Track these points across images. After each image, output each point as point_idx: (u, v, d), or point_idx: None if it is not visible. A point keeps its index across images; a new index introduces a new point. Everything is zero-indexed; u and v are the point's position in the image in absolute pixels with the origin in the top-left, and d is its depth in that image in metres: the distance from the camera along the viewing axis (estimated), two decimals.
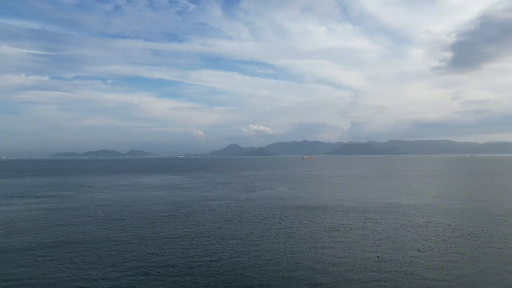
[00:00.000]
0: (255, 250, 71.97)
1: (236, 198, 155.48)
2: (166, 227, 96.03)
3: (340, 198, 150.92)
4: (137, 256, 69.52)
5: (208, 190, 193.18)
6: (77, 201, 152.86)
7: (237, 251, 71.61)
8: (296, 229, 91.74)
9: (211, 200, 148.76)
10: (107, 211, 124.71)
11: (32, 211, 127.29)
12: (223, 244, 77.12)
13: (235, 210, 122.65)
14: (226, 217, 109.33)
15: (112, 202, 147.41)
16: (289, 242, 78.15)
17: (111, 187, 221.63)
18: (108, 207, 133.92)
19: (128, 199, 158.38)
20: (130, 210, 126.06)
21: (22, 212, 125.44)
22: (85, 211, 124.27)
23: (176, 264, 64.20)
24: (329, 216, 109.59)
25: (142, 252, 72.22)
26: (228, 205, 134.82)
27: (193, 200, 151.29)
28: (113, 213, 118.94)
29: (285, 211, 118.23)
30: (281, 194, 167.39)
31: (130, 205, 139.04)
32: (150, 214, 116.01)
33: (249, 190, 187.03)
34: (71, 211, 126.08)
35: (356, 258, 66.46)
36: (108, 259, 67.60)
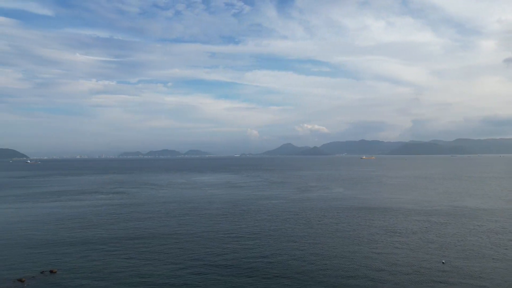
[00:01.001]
0: (312, 252, 70.86)
1: (291, 198, 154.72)
2: (223, 225, 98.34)
3: (401, 200, 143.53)
4: (196, 253, 71.93)
5: (263, 189, 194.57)
6: (141, 198, 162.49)
7: (294, 252, 71.04)
8: (354, 231, 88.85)
9: (266, 199, 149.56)
10: (168, 208, 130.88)
11: (102, 206, 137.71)
12: (279, 244, 77.01)
13: (291, 210, 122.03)
14: (282, 216, 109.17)
15: (173, 199, 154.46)
16: (347, 245, 75.88)
17: (171, 185, 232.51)
18: (169, 204, 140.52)
19: (187, 196, 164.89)
20: (189, 207, 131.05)
21: (94, 207, 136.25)
22: (148, 208, 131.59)
23: (232, 263, 65.31)
24: (390, 218, 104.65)
25: (200, 249, 74.60)
26: (283, 204, 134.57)
27: (248, 198, 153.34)
28: (174, 210, 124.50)
29: (342, 212, 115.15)
30: (337, 195, 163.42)
31: (189, 202, 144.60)
32: (208, 212, 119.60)
33: (304, 190, 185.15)
34: (136, 207, 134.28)
35: (419, 264, 62.58)
36: (168, 255, 70.79)
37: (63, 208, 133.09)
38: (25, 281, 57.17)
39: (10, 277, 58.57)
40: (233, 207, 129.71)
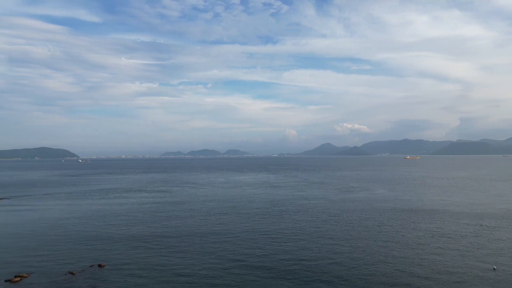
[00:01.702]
0: (353, 256, 69.02)
1: (331, 198, 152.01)
2: (262, 225, 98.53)
3: (449, 202, 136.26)
4: (235, 252, 72.58)
5: (302, 189, 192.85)
6: (182, 196, 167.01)
7: (334, 255, 69.58)
8: (398, 233, 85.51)
9: (306, 200, 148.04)
10: (209, 206, 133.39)
11: (146, 204, 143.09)
12: (319, 247, 75.81)
13: (331, 210, 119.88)
14: (322, 217, 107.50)
15: (213, 198, 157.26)
16: (391, 247, 73.17)
17: (211, 184, 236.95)
18: (209, 203, 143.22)
19: (226, 195, 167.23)
20: (229, 206, 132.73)
21: (139, 205, 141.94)
22: (190, 206, 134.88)
23: (272, 262, 65.21)
24: (436, 221, 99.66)
25: (239, 249, 75.21)
26: (323, 205, 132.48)
27: (287, 198, 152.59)
28: (214, 209, 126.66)
29: (385, 214, 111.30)
30: (380, 196, 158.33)
31: (228, 201, 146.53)
32: (247, 211, 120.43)
33: (344, 191, 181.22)
34: (178, 205, 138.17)
35: (468, 269, 58.92)
36: (209, 254, 72.01)
37: (110, 206, 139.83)
38: (76, 274, 60.57)
39: (62, 270, 62.34)
40: (272, 207, 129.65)
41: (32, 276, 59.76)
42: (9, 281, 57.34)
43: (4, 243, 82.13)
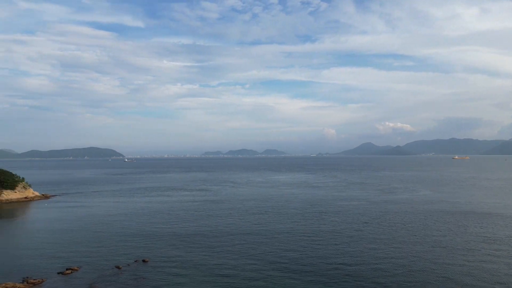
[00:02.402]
0: (397, 258, 66.42)
1: (372, 199, 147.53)
2: (301, 225, 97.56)
3: (501, 205, 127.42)
4: (274, 252, 72.37)
5: (341, 190, 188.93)
6: (222, 195, 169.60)
7: (376, 256, 67.39)
8: (445, 237, 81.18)
9: (345, 200, 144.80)
10: (248, 205, 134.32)
11: (187, 202, 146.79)
12: (361, 249, 73.72)
13: (372, 212, 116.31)
14: (363, 219, 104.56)
15: (251, 197, 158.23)
16: (437, 252, 69.58)
17: (250, 183, 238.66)
18: (248, 202, 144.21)
19: (265, 195, 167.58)
20: (268, 206, 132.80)
21: (180, 202, 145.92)
22: (229, 205, 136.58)
23: (311, 265, 64.21)
24: (487, 225, 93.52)
25: (278, 248, 74.90)
26: (364, 206, 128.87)
27: (326, 199, 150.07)
28: (253, 208, 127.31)
29: (431, 217, 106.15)
30: (424, 197, 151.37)
31: (267, 201, 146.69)
32: (286, 211, 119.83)
33: (386, 192, 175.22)
34: (218, 204, 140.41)
35: None
36: (248, 252, 72.34)
37: (153, 203, 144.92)
38: (122, 268, 63.32)
39: (109, 264, 65.38)
40: (310, 207, 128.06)
41: (82, 269, 63.16)
42: (61, 273, 61.06)
43: (56, 237, 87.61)
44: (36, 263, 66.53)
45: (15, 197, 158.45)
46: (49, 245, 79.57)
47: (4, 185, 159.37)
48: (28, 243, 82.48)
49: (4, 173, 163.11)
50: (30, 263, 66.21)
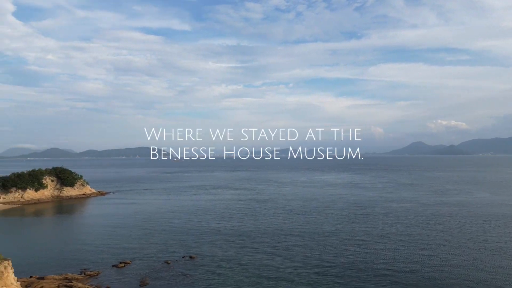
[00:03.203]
0: (452, 266, 62.27)
1: (424, 201, 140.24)
2: (347, 226, 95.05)
3: None
4: (319, 253, 71.10)
5: (390, 191, 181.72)
6: (266, 194, 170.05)
7: (429, 264, 63.69)
8: (507, 243, 75.01)
9: (394, 202, 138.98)
10: (292, 205, 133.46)
11: (232, 201, 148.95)
12: (411, 252, 70.28)
13: (424, 214, 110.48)
14: (414, 221, 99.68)
15: (296, 197, 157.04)
16: (497, 260, 64.44)
17: (294, 183, 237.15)
18: (292, 201, 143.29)
19: (309, 195, 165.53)
20: (312, 206, 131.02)
21: (225, 201, 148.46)
22: (273, 204, 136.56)
23: (357, 268, 62.18)
24: None
25: (323, 249, 73.49)
26: (415, 208, 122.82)
27: (374, 200, 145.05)
28: (297, 208, 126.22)
29: (490, 221, 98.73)
30: (482, 200, 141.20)
31: (311, 201, 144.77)
32: (331, 212, 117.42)
33: (439, 194, 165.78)
34: (262, 203, 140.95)
35: None
36: (292, 252, 71.73)
37: (200, 201, 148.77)
38: (171, 263, 65.61)
39: (159, 259, 67.97)
40: (357, 208, 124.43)
41: (134, 263, 66.24)
42: (115, 266, 64.54)
43: (110, 232, 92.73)
44: (93, 256, 70.78)
45: (74, 194, 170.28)
46: (104, 239, 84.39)
47: (64, 183, 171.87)
48: (86, 237, 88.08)
49: (65, 171, 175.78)
50: (87, 256, 70.58)
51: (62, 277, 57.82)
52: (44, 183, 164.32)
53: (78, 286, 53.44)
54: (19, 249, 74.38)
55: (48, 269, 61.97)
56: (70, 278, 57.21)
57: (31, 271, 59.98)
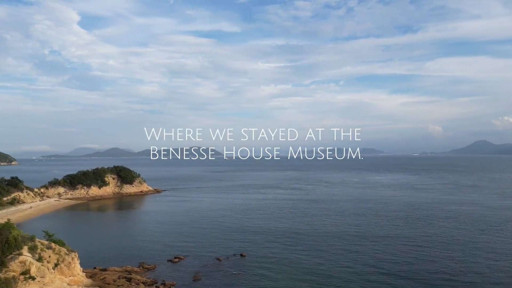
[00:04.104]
0: None
1: (489, 204, 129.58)
2: (404, 229, 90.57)
3: None
4: (372, 256, 68.45)
5: (450, 193, 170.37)
6: (316, 195, 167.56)
7: (497, 270, 58.65)
8: None
9: (456, 205, 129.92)
10: (343, 206, 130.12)
11: (282, 200, 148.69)
12: (477, 259, 65.14)
13: (490, 218, 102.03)
14: (478, 226, 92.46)
15: (347, 198, 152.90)
16: None
17: (345, 183, 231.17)
18: (343, 202, 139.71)
19: (361, 196, 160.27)
20: (365, 207, 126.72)
21: (275, 200, 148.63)
22: (323, 205, 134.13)
23: (414, 272, 58.92)
24: None
25: (379, 253, 70.65)
26: (479, 212, 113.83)
27: (432, 202, 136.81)
28: (348, 209, 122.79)
29: None
30: None
31: (364, 202, 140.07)
32: (385, 214, 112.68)
33: (507, 197, 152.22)
34: (312, 203, 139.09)
35: None
36: (343, 255, 69.78)
37: (250, 200, 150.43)
38: (222, 260, 67.01)
39: (211, 256, 69.69)
40: (413, 210, 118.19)
41: (188, 258, 68.58)
42: (170, 261, 67.35)
43: (166, 228, 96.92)
44: (150, 250, 74.40)
45: (132, 191, 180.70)
46: (160, 235, 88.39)
47: (124, 180, 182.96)
48: (143, 232, 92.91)
49: (124, 170, 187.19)
50: (144, 250, 74.34)
51: (122, 269, 61.44)
52: (106, 180, 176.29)
53: (137, 278, 56.44)
54: (84, 241, 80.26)
55: (110, 261, 66.18)
56: (129, 271, 60.63)
57: (95, 263, 64.44)
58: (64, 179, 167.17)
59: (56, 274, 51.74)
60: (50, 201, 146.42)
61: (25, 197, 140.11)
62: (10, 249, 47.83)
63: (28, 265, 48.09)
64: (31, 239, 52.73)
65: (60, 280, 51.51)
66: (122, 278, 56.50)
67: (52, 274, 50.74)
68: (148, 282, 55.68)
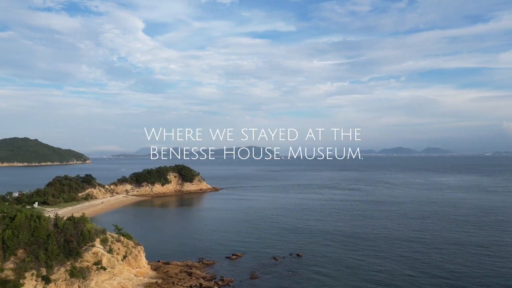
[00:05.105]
0: None
1: None
2: (473, 234, 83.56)
3: None
4: (438, 263, 64.02)
5: None
6: (375, 196, 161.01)
7: None
8: None
9: None
10: (405, 208, 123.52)
11: (339, 201, 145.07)
12: None
13: None
14: None
15: (410, 200, 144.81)
16: None
17: (407, 184, 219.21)
18: (405, 204, 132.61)
19: (426, 198, 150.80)
20: (429, 210, 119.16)
21: (332, 201, 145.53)
22: (384, 207, 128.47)
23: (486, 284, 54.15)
24: None
25: (444, 260, 65.93)
26: None
27: (507, 206, 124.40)
28: (411, 212, 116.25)
29: None
30: None
31: (428, 204, 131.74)
32: (453, 218, 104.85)
33: None
34: (371, 205, 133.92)
35: None
36: (407, 262, 66.13)
37: (307, 200, 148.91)
38: (278, 260, 67.03)
39: (267, 254, 70.07)
40: (486, 215, 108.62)
41: (245, 256, 69.69)
42: (228, 258, 68.92)
43: (224, 225, 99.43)
44: (208, 246, 76.85)
45: (192, 189, 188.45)
46: (219, 232, 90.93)
47: (185, 178, 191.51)
48: (203, 229, 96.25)
49: (185, 168, 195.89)
50: (204, 246, 76.94)
51: (184, 263, 64.18)
52: (168, 178, 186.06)
53: (197, 273, 58.61)
54: (148, 236, 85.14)
55: (172, 255, 69.47)
56: (190, 265, 63.16)
57: (158, 256, 68.05)
58: (131, 177, 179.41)
59: (124, 265, 55.51)
60: (119, 197, 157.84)
61: (97, 193, 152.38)
62: (85, 241, 52.28)
63: (100, 256, 52.18)
64: (103, 232, 57.12)
65: (128, 271, 55.19)
66: (183, 272, 59.02)
67: (121, 266, 54.53)
68: (207, 277, 57.55)
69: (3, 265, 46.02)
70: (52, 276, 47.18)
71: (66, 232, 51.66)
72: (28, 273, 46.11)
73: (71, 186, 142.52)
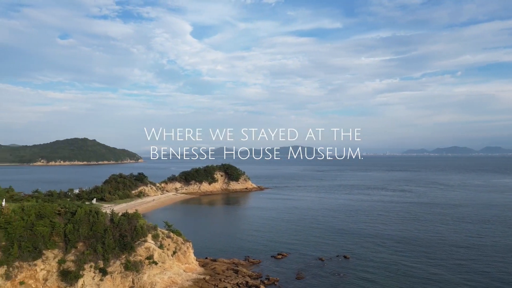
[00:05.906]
0: None
1: None
2: None
3: None
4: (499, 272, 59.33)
5: None
6: (429, 198, 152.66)
7: None
8: None
9: None
10: (463, 211, 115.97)
11: (389, 203, 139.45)
12: None
13: None
14: None
15: (467, 203, 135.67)
16: None
17: (464, 186, 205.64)
18: (462, 207, 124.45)
19: (485, 201, 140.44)
20: (489, 214, 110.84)
21: (381, 202, 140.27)
22: (438, 209, 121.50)
23: None
24: None
25: (505, 268, 61.00)
26: None
27: None
28: (469, 216, 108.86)
29: None
30: None
31: (488, 208, 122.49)
32: None
33: None
34: (424, 207, 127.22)
35: None
36: (464, 270, 62.02)
37: (354, 201, 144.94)
38: (324, 261, 65.89)
39: (313, 255, 69.17)
40: None
41: (290, 256, 69.35)
42: (274, 257, 68.98)
43: (269, 224, 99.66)
44: (254, 245, 77.47)
45: (238, 188, 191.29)
46: (264, 231, 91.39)
47: (231, 177, 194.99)
48: (249, 227, 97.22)
49: (231, 168, 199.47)
50: (250, 245, 77.70)
51: (230, 261, 65.29)
52: (215, 177, 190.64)
53: (243, 271, 59.33)
54: (196, 233, 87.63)
55: (219, 252, 70.93)
56: (236, 263, 64.13)
57: (206, 253, 69.81)
58: (180, 176, 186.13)
59: (174, 261, 57.62)
60: (169, 195, 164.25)
61: (149, 190, 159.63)
62: (138, 236, 55.01)
63: (152, 251, 54.61)
64: (154, 228, 59.75)
65: (177, 266, 57.24)
66: (230, 270, 60.05)
67: (171, 261, 56.68)
68: (253, 275, 58.06)
69: (65, 257, 49.70)
70: (108, 268, 50.17)
71: (121, 227, 54.70)
72: (87, 265, 49.42)
73: (125, 184, 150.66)
